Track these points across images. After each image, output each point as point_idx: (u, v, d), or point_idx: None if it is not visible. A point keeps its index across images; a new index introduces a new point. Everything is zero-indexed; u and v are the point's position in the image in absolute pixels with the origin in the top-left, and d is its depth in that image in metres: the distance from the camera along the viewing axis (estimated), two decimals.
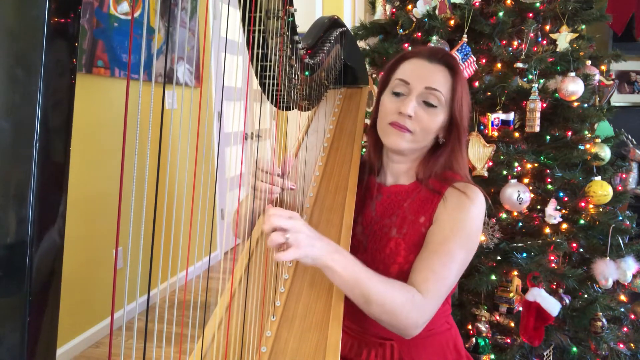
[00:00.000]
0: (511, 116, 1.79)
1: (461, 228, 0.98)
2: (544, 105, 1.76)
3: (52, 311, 0.38)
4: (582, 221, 1.81)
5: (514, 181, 1.74)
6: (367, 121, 1.23)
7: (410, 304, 0.89)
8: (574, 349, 1.83)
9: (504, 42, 1.84)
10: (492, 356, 1.80)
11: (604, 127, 2.00)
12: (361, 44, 2.06)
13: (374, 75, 1.97)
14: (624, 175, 2.22)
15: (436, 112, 1.01)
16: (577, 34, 1.83)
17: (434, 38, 1.77)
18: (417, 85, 1.01)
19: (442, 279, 0.94)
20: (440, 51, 1.05)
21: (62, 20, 0.35)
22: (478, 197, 1.01)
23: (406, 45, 1.91)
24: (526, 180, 1.81)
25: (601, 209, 1.84)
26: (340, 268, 0.84)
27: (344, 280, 0.85)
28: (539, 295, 1.68)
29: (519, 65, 1.77)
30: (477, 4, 1.79)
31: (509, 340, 1.85)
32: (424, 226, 1.02)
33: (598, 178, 1.82)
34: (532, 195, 1.77)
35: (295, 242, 0.80)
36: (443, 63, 1.02)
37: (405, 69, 1.05)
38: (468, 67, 1.76)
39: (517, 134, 1.80)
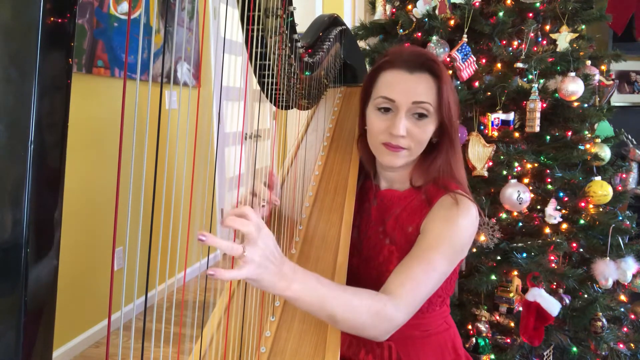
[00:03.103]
0: (511, 116, 1.79)
1: (447, 238, 0.95)
2: (544, 105, 1.76)
3: (48, 311, 0.38)
4: (582, 221, 1.81)
5: (514, 181, 1.74)
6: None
7: (379, 316, 0.84)
8: (574, 349, 1.83)
9: (504, 42, 1.84)
10: (492, 356, 1.79)
11: (604, 127, 2.00)
12: (361, 44, 2.06)
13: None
14: (624, 175, 2.22)
15: (427, 122, 0.99)
16: (577, 34, 1.83)
17: (434, 38, 1.77)
18: (404, 102, 0.97)
19: (418, 286, 0.89)
20: (418, 57, 1.00)
21: (59, 20, 0.35)
22: (469, 209, 0.98)
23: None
24: (526, 180, 1.81)
25: (601, 209, 1.83)
26: (303, 296, 0.76)
27: (307, 305, 0.78)
28: (539, 295, 1.68)
29: (519, 65, 1.77)
30: (477, 4, 1.79)
31: (509, 340, 1.84)
32: (413, 235, 1.00)
33: (598, 178, 1.81)
34: (532, 195, 1.77)
35: (250, 259, 0.68)
36: (424, 70, 0.98)
37: (387, 84, 1.00)
38: (468, 67, 1.75)
39: (517, 134, 1.80)
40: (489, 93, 1.80)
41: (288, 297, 0.75)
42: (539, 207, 1.83)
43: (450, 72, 1.76)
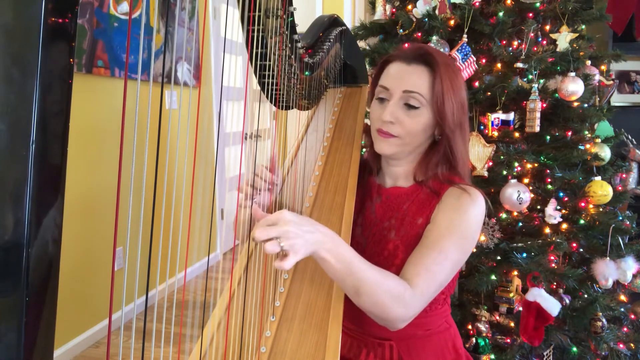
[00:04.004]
0: (511, 116, 1.79)
1: (458, 227, 0.97)
2: (544, 105, 1.76)
3: (49, 311, 0.38)
4: (582, 221, 1.81)
5: (514, 181, 1.74)
6: (367, 121, 1.23)
7: (399, 299, 0.87)
8: (574, 349, 1.83)
9: (504, 42, 1.84)
10: (492, 356, 1.80)
11: (604, 127, 2.00)
12: (361, 44, 2.06)
13: (373, 75, 1.97)
14: (624, 175, 2.22)
15: (418, 113, 1.00)
16: (577, 34, 1.83)
17: (434, 38, 1.77)
18: (396, 90, 1.01)
19: (433, 276, 0.93)
20: (418, 50, 1.03)
21: (60, 21, 0.35)
22: (477, 198, 1.00)
23: (406, 45, 1.91)
24: (526, 180, 1.81)
25: (601, 209, 1.83)
26: (333, 259, 0.82)
27: (335, 270, 0.84)
28: (539, 295, 1.68)
29: (519, 65, 1.77)
30: (477, 4, 1.79)
31: (509, 340, 1.84)
32: (422, 227, 1.02)
33: (598, 178, 1.82)
34: (532, 195, 1.77)
35: (290, 248, 0.76)
36: (421, 62, 1.01)
37: (387, 74, 1.05)
38: (468, 67, 1.76)
39: (517, 134, 1.80)
40: (489, 93, 1.80)
41: (322, 257, 0.82)
42: (539, 207, 1.83)
43: None
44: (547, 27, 1.89)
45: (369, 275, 0.85)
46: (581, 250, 1.87)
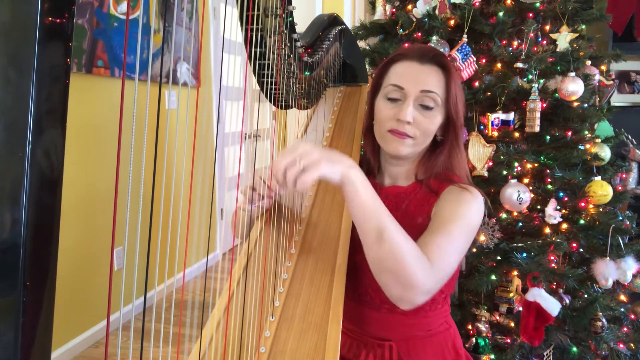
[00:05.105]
0: (511, 116, 1.79)
1: (461, 215, 0.96)
2: (544, 105, 1.76)
3: (46, 311, 0.38)
4: (582, 221, 1.81)
5: (514, 181, 1.73)
6: None
7: (420, 261, 0.84)
8: (574, 349, 1.83)
9: (504, 42, 1.84)
10: (492, 356, 1.79)
11: (604, 127, 2.00)
12: (361, 44, 2.06)
13: (373, 75, 1.97)
14: (624, 175, 2.21)
15: (433, 113, 1.01)
16: (577, 34, 1.82)
17: (434, 38, 1.77)
18: (412, 90, 1.00)
19: (445, 255, 0.90)
20: (429, 50, 1.04)
21: (56, 20, 0.35)
22: (477, 195, 1.01)
23: (406, 45, 1.91)
24: (526, 180, 1.81)
25: (601, 209, 1.83)
26: (362, 188, 0.81)
27: (362, 203, 0.81)
28: (539, 295, 1.68)
29: (519, 65, 1.77)
30: (477, 4, 1.79)
31: (509, 340, 1.84)
32: (422, 227, 1.01)
33: (598, 178, 1.81)
34: (532, 195, 1.77)
35: (310, 163, 0.76)
36: (434, 63, 1.01)
37: (397, 73, 1.03)
38: (468, 67, 1.75)
39: (517, 134, 1.80)
40: (489, 93, 1.80)
41: (351, 180, 0.81)
42: (539, 207, 1.83)
43: None
44: (547, 27, 1.89)
45: (393, 223, 0.83)
46: (581, 250, 1.87)
